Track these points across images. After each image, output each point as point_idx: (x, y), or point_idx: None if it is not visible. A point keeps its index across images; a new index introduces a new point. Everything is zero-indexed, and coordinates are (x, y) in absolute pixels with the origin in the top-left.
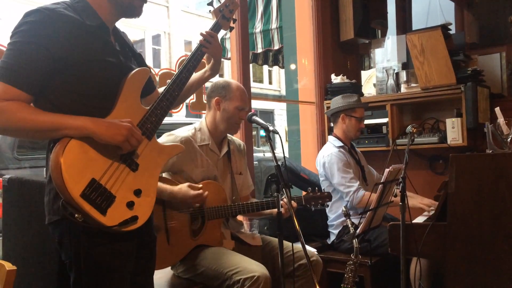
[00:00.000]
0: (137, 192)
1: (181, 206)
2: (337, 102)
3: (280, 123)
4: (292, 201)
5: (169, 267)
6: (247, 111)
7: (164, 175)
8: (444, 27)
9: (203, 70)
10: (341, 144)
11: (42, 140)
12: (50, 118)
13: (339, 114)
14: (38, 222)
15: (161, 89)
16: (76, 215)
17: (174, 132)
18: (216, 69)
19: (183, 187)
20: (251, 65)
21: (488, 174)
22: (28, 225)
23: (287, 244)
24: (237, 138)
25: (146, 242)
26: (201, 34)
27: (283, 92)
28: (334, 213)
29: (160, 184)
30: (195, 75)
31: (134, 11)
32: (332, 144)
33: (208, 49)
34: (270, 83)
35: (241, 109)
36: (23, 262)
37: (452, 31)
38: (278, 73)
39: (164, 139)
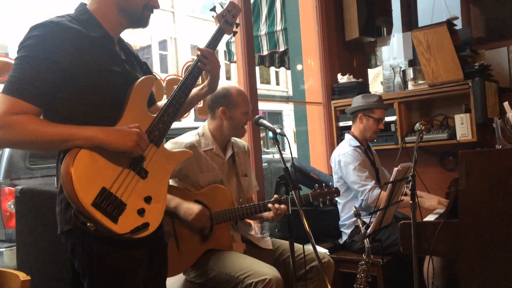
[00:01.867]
0: (148, 199)
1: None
2: (357, 101)
3: (289, 124)
4: (283, 205)
5: (181, 273)
6: (252, 112)
7: (170, 182)
8: (450, 23)
9: (200, 86)
10: (357, 143)
11: (52, 151)
12: (60, 130)
13: (358, 113)
14: (51, 232)
15: (160, 103)
16: (88, 224)
17: (178, 139)
18: (214, 86)
19: (194, 207)
20: (258, 67)
21: (498, 169)
22: (41, 234)
23: (298, 246)
24: (241, 140)
25: (157, 249)
26: (198, 49)
27: (291, 93)
28: (347, 213)
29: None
30: (193, 91)
31: (143, 21)
32: (349, 143)
33: (205, 65)
34: (278, 84)
35: (246, 112)
36: (37, 271)
37: (458, 26)
38: (285, 74)
39: (169, 146)
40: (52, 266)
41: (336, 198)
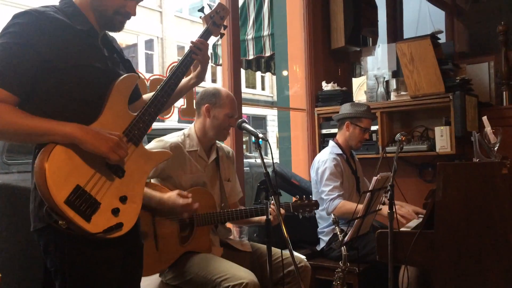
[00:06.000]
0: (123, 199)
1: (170, 213)
2: (345, 108)
3: (273, 129)
4: (281, 208)
5: (157, 274)
6: (236, 118)
7: (153, 181)
8: (434, 36)
9: (188, 78)
10: (339, 151)
11: (27, 143)
12: (38, 123)
13: (345, 121)
14: (25, 229)
15: (146, 96)
16: (60, 222)
17: (164, 138)
18: (202, 77)
19: (172, 195)
20: (244, 71)
21: (474, 183)
22: (15, 232)
23: (276, 250)
24: (226, 145)
25: (133, 250)
26: (192, 42)
27: (276, 98)
28: (324, 220)
29: (149, 191)
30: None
31: (113, 26)
32: (330, 150)
33: (198, 56)
34: (263, 89)
35: (230, 116)
36: (9, 269)
37: (442, 40)
38: (270, 79)
39: (153, 144)
40: (25, 264)
41: None
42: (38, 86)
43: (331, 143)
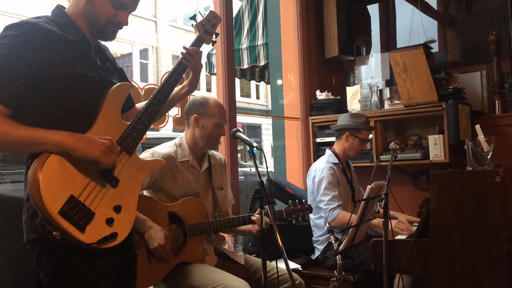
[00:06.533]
0: (117, 209)
1: (162, 225)
2: (345, 119)
3: (267, 138)
4: (265, 217)
5: (151, 286)
6: (228, 127)
7: (145, 192)
8: (426, 46)
9: (181, 86)
10: (336, 161)
11: (19, 154)
12: (29, 133)
13: (344, 131)
14: (17, 240)
15: (139, 105)
16: (54, 233)
17: (155, 149)
18: (194, 85)
19: (158, 232)
20: (238, 80)
21: (468, 191)
22: (7, 242)
23: (271, 266)
24: (218, 153)
25: (127, 260)
26: (184, 48)
27: (270, 107)
28: (319, 228)
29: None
30: (173, 91)
31: (106, 35)
32: (327, 159)
33: (190, 63)
34: (258, 97)
35: (220, 125)
36: (1, 280)
37: (435, 49)
38: (265, 88)
39: (146, 156)
40: (17, 275)
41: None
42: (30, 97)
43: (328, 152)
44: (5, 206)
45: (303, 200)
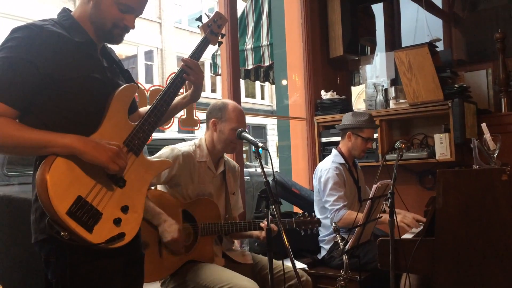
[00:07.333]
0: (124, 209)
1: (175, 221)
2: (347, 118)
3: (273, 138)
4: (272, 224)
5: (159, 283)
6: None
7: (159, 187)
8: (431, 45)
9: (183, 95)
10: (342, 160)
11: (28, 156)
12: (37, 135)
13: (347, 131)
14: (26, 241)
15: (142, 109)
16: (62, 233)
17: (176, 146)
18: (196, 96)
19: (173, 225)
20: (243, 80)
21: (474, 189)
22: (15, 243)
23: (278, 263)
24: (232, 160)
25: (134, 260)
26: (183, 60)
27: (275, 107)
28: (327, 228)
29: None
30: (176, 99)
31: (112, 39)
32: (333, 159)
33: (189, 75)
34: (263, 98)
35: (236, 130)
36: (9, 281)
37: (440, 48)
38: (270, 88)
39: (166, 152)
40: (26, 275)
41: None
42: (37, 98)
43: (334, 151)
44: (13, 207)
45: (312, 214)
